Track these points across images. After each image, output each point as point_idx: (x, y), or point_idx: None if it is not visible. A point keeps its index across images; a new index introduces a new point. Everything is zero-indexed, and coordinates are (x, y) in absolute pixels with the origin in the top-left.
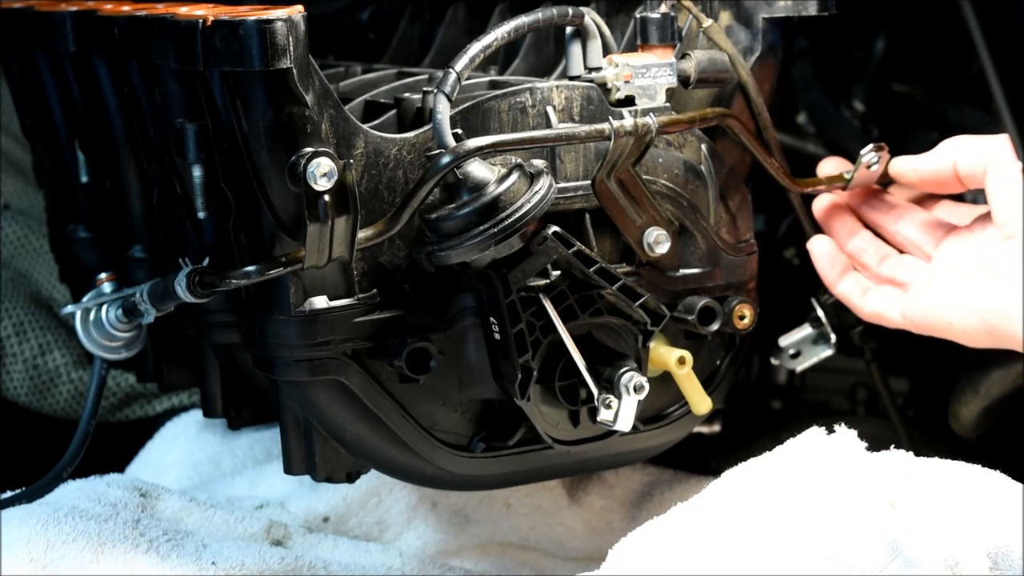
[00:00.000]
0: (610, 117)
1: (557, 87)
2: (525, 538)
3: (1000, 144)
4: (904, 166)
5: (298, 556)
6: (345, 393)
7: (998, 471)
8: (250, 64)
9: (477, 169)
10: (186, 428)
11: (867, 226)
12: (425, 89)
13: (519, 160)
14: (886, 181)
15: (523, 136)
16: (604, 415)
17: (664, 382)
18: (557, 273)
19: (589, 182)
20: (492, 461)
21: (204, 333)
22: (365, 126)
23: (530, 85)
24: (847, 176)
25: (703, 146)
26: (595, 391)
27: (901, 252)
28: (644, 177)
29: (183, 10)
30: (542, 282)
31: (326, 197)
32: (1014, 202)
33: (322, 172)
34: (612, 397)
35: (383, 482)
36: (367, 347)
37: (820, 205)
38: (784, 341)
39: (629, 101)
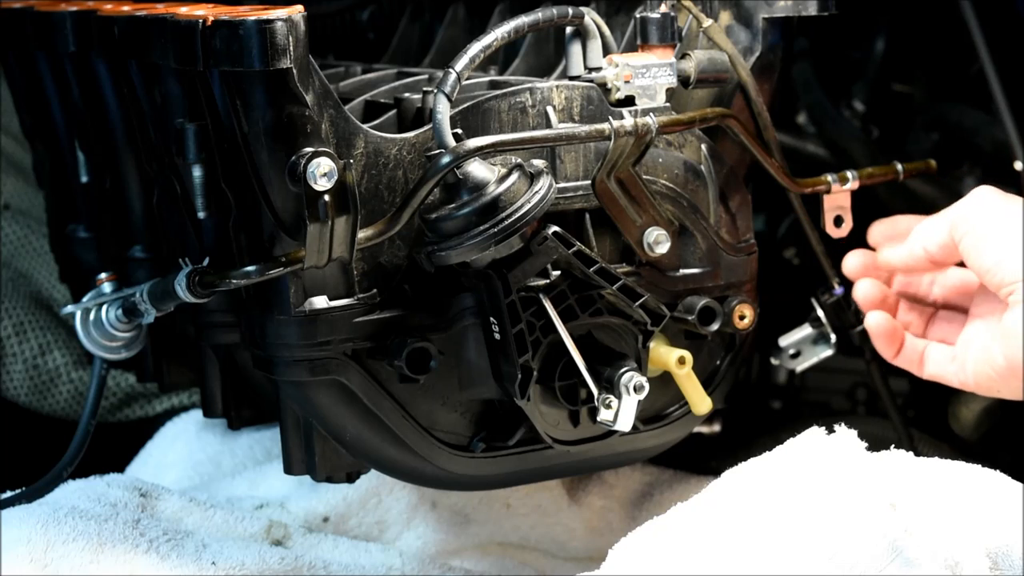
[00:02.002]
0: (610, 117)
1: (557, 87)
2: (525, 538)
3: (962, 211)
4: (887, 260)
5: (298, 556)
6: (345, 393)
7: (998, 471)
8: (250, 64)
9: (477, 169)
10: (186, 428)
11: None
12: (425, 89)
13: (519, 160)
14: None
15: (523, 136)
16: (604, 415)
17: (664, 382)
18: (557, 273)
19: (589, 182)
20: (492, 461)
21: (204, 333)
22: (365, 126)
23: (530, 85)
24: (832, 181)
25: (703, 146)
26: (595, 391)
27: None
28: (644, 177)
29: (183, 10)
30: (542, 282)
31: (326, 197)
32: (998, 262)
33: (322, 172)
34: (612, 397)
35: (383, 482)
36: (367, 347)
37: (862, 291)
38: (784, 341)
39: (629, 101)
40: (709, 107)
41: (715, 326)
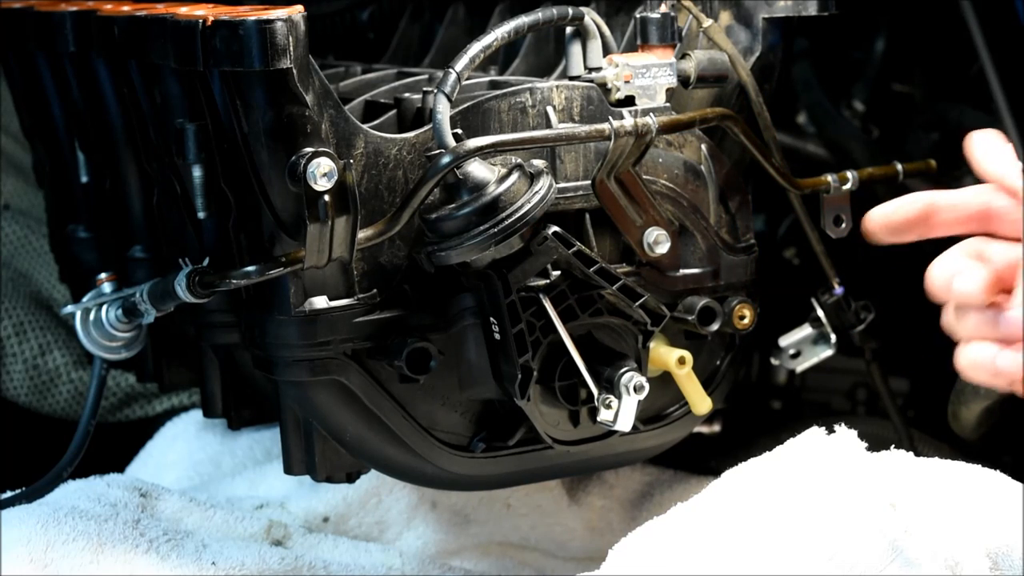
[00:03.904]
0: (610, 117)
1: (557, 87)
2: (525, 538)
3: None
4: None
5: (298, 556)
6: (345, 393)
7: (998, 471)
8: (250, 64)
9: (477, 169)
10: (186, 428)
11: None
12: (425, 89)
13: (519, 160)
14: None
15: (523, 136)
16: (604, 415)
17: (664, 382)
18: (557, 273)
19: (589, 182)
20: (492, 461)
21: (204, 333)
22: (365, 126)
23: (530, 85)
24: (832, 181)
25: (703, 146)
26: (595, 391)
27: None
28: (644, 177)
29: (183, 10)
30: (542, 282)
31: (326, 197)
32: None
33: (322, 172)
34: (612, 397)
35: (383, 482)
36: (367, 347)
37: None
38: (784, 341)
39: (629, 101)
40: (709, 107)
41: (715, 326)
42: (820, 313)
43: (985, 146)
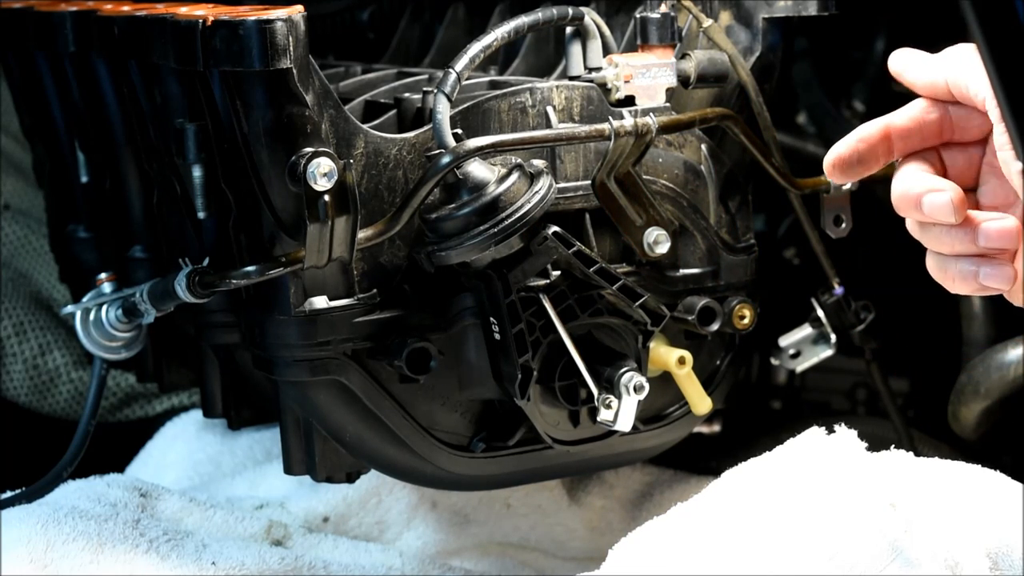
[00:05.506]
0: (610, 117)
1: (557, 87)
2: (525, 538)
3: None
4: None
5: (298, 556)
6: (345, 393)
7: (998, 471)
8: (250, 64)
9: (477, 169)
10: (186, 428)
11: None
12: (425, 89)
13: (519, 160)
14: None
15: (523, 136)
16: (604, 415)
17: (664, 382)
18: (557, 273)
19: (589, 182)
20: (492, 461)
21: (204, 333)
22: (365, 126)
23: (530, 85)
24: (831, 180)
25: (703, 146)
26: (595, 391)
27: None
28: (644, 177)
29: (183, 10)
30: (542, 282)
31: (326, 197)
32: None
33: (322, 172)
34: (612, 397)
35: (383, 482)
36: (367, 347)
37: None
38: (784, 341)
39: (629, 101)
40: (709, 107)
41: (715, 326)
42: (820, 313)
43: (908, 64)
